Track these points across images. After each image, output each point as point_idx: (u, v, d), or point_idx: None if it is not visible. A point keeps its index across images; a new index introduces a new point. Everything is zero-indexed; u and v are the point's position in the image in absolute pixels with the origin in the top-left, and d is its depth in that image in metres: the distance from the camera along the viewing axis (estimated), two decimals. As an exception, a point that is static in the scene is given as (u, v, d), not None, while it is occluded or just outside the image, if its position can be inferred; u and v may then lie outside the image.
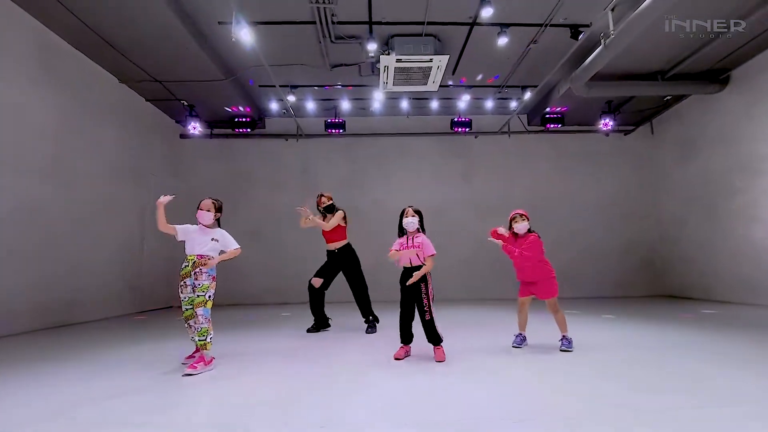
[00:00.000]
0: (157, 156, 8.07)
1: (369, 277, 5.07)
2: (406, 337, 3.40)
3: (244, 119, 8.46)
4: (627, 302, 7.60)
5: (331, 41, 6.08)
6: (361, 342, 4.13)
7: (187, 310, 3.19)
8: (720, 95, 7.24)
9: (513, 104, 8.41)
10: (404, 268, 3.39)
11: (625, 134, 9.31)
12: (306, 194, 8.87)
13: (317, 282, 4.74)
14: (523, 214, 3.71)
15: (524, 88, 7.79)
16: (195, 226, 3.33)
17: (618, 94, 7.29)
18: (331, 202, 4.84)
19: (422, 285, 3.27)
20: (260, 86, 7.62)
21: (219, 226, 3.45)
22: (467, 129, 8.71)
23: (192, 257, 3.24)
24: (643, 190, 9.22)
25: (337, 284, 5.11)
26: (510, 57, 6.74)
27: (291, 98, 7.56)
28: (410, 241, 3.40)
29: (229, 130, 8.71)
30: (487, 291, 8.77)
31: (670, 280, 8.73)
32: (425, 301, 3.25)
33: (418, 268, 3.31)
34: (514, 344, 3.68)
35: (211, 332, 3.14)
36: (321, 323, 4.82)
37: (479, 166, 9.27)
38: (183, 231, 3.28)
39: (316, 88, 7.72)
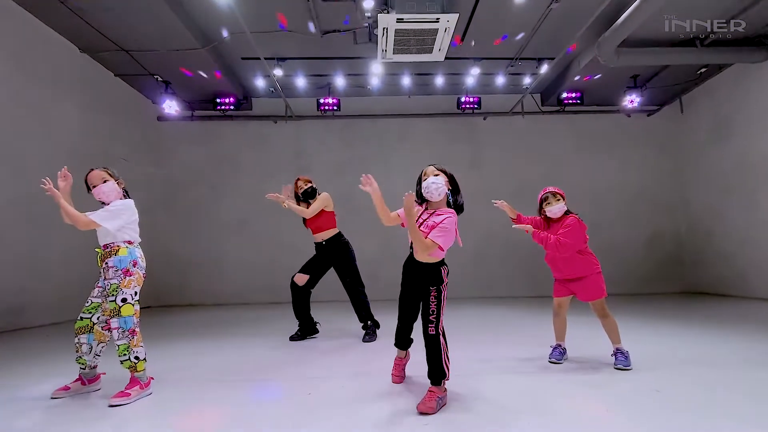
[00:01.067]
0: (130, 139, 7.21)
1: (367, 273, 4.28)
2: (403, 340, 2.50)
3: (227, 99, 7.60)
4: (659, 301, 6.80)
5: (321, -1, 5.23)
6: (354, 355, 3.32)
7: (81, 319, 2.36)
8: (763, 65, 6.37)
9: (526, 80, 7.54)
10: (410, 255, 2.38)
11: (648, 114, 8.44)
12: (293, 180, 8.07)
13: (301, 279, 3.92)
14: (557, 193, 2.89)
15: (540, 60, 6.92)
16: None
17: (651, 62, 6.41)
18: (309, 185, 4.03)
19: (433, 289, 2.22)
20: (243, 59, 6.74)
21: (128, 196, 2.58)
22: (476, 107, 7.85)
23: (99, 250, 2.41)
24: (671, 176, 8.36)
25: (330, 282, 4.31)
26: (527, 21, 5.88)
27: (278, 72, 6.70)
28: (429, 218, 2.25)
29: (212, 111, 7.86)
30: (500, 288, 7.97)
31: (701, 276, 7.89)
32: (433, 306, 2.19)
33: (433, 267, 2.26)
34: (552, 359, 2.86)
35: (139, 347, 2.31)
36: (307, 329, 4.01)
37: (489, 150, 8.41)
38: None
39: (306, 60, 6.86)
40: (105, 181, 2.45)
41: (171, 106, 7.00)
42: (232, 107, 7.66)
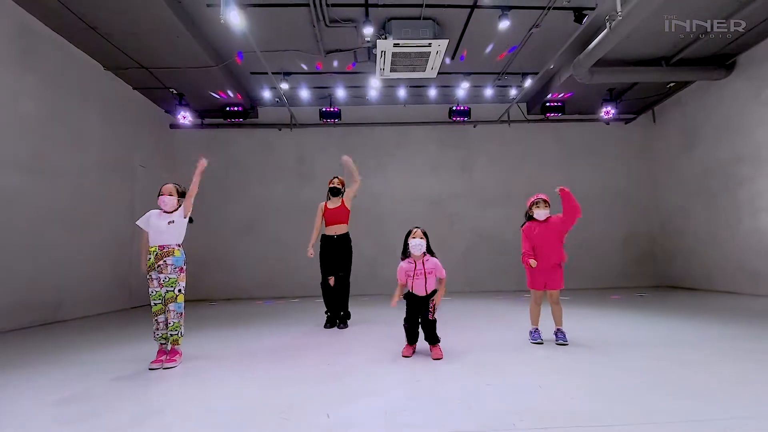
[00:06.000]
0: (146, 147, 7.78)
1: (367, 270, 4.90)
2: (414, 337, 3.26)
3: (235, 108, 8.17)
4: (629, 293, 7.48)
5: (326, 25, 5.82)
6: (362, 338, 3.96)
7: (156, 304, 3.01)
8: (725, 81, 7.06)
9: (513, 92, 8.19)
10: (410, 293, 3.23)
11: (626, 123, 9.13)
12: (302, 186, 8.68)
13: (332, 281, 4.58)
14: (547, 201, 3.64)
15: (524, 75, 7.57)
16: (156, 211, 3.12)
17: (621, 80, 7.08)
18: (340, 187, 4.81)
19: (432, 298, 3.18)
20: (252, 73, 7.34)
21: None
22: (466, 118, 8.49)
23: (154, 248, 3.02)
24: (645, 180, 9.08)
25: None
26: (510, 42, 6.52)
27: (284, 86, 7.29)
28: (422, 266, 3.15)
29: (221, 120, 8.43)
30: (487, 283, 8.63)
31: (671, 271, 8.62)
32: (432, 303, 3.16)
33: (432, 294, 3.18)
34: (537, 341, 3.45)
35: (182, 326, 3.06)
36: (338, 317, 4.64)
37: (478, 156, 9.07)
38: (145, 223, 3.08)
39: (310, 75, 7.46)
40: (171, 194, 3.09)
41: (185, 117, 7.57)
42: (239, 116, 8.23)
